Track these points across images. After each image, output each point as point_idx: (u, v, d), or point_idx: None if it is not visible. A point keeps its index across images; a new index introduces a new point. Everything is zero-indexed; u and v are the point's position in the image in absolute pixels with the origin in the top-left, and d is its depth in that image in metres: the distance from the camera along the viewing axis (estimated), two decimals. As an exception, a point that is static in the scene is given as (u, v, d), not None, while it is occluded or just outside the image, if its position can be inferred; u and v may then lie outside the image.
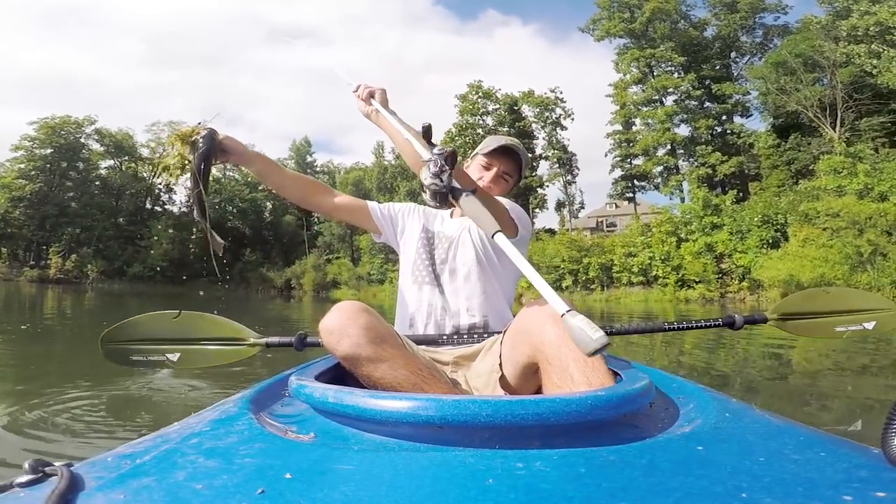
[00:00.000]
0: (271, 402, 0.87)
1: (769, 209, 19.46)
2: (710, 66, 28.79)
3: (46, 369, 3.38)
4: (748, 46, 28.90)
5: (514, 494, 0.46)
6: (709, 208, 21.43)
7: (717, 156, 25.42)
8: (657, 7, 28.08)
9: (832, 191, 17.25)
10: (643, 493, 0.47)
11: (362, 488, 0.49)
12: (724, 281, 19.67)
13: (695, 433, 0.64)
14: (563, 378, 0.79)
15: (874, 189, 16.30)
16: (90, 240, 38.62)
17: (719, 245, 20.15)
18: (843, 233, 15.13)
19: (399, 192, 36.54)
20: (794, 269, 15.26)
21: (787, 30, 26.67)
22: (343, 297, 20.87)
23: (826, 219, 16.03)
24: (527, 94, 34.08)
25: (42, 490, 0.50)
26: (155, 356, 1.45)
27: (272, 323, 8.78)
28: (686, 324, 1.54)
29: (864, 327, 1.65)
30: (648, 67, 29.44)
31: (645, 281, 22.45)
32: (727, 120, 27.60)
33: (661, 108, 28.09)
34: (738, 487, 0.47)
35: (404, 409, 0.61)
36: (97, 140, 40.39)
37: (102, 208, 39.53)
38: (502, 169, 1.30)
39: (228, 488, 0.49)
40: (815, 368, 3.07)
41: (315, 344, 1.37)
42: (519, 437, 0.59)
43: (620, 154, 30.35)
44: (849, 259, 14.54)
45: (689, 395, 0.86)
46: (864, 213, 15.02)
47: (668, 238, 22.05)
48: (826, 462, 0.55)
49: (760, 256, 18.09)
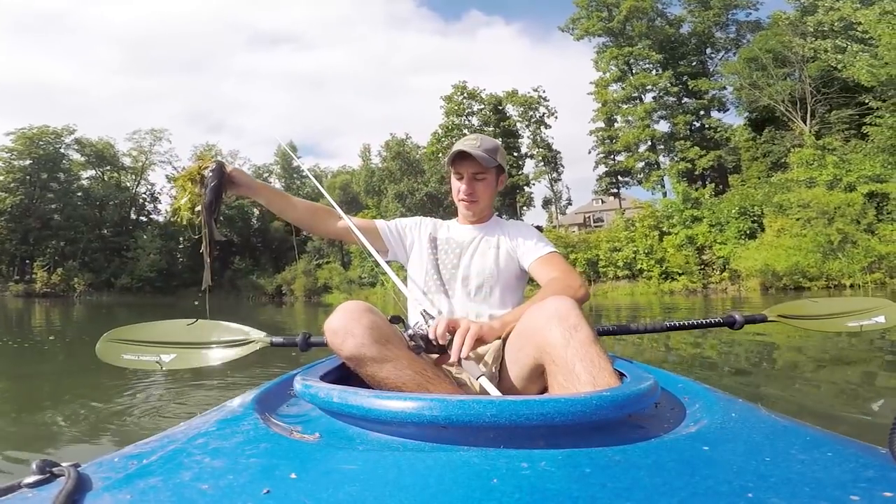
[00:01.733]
0: (277, 403, 0.88)
1: (746, 201, 20.15)
2: (687, 63, 29.47)
3: (51, 373, 3.40)
4: (722, 42, 29.59)
5: (518, 494, 0.46)
6: (689, 202, 22.03)
7: (696, 150, 26.12)
8: (634, 5, 28.64)
9: (803, 182, 17.95)
10: (649, 493, 0.47)
11: (367, 488, 0.49)
12: (706, 272, 20.27)
13: (701, 433, 0.64)
14: (569, 378, 0.79)
15: (843, 180, 17.04)
16: (75, 252, 37.89)
17: (700, 237, 20.75)
18: (813, 222, 15.83)
19: (387, 195, 36.58)
20: (770, 259, 15.88)
21: (759, 25, 27.37)
22: (336, 302, 20.77)
23: (798, 210, 16.72)
24: (511, 93, 34.45)
25: (50, 490, 0.51)
26: (148, 356, 1.46)
27: (264, 328, 8.92)
28: (686, 323, 1.54)
29: (875, 321, 1.66)
30: (627, 65, 29.99)
31: (630, 274, 23.00)
32: (705, 115, 28.30)
33: (640, 106, 28.69)
34: (745, 487, 0.47)
35: (409, 409, 0.61)
36: (77, 150, 39.48)
37: (86, 220, 38.72)
38: (471, 172, 1.30)
39: (234, 488, 0.49)
40: (821, 369, 3.08)
41: (319, 344, 1.40)
42: (524, 436, 0.59)
43: (603, 151, 30.91)
44: (821, 247, 15.21)
45: (694, 395, 0.86)
46: (833, 203, 15.76)
47: (650, 232, 22.63)
48: (833, 462, 0.55)
49: (738, 247, 18.71)
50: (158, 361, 1.44)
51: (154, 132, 41.76)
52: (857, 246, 14.97)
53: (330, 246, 40.94)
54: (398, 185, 35.59)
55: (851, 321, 1.64)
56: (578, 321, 0.83)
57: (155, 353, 1.46)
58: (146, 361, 1.47)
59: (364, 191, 39.64)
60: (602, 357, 0.79)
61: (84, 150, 39.64)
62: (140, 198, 42.56)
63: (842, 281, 14.89)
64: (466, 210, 1.36)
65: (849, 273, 14.52)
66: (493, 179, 1.34)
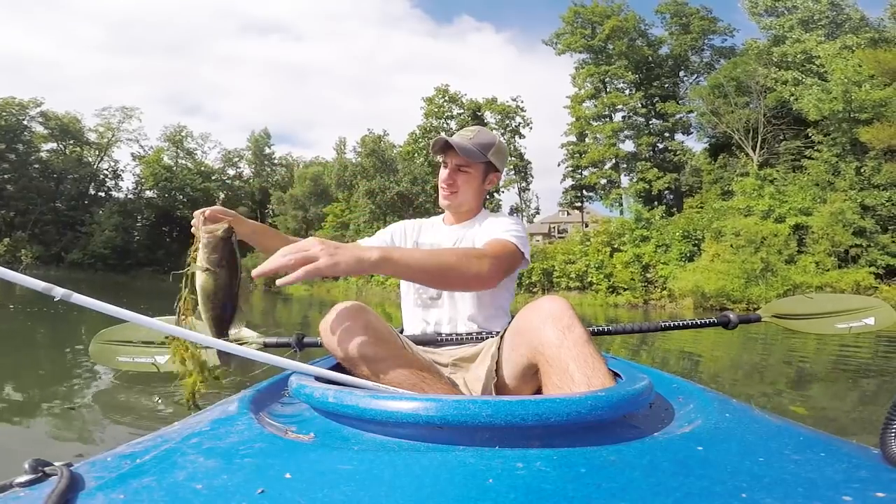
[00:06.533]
0: (271, 402, 0.87)
1: (689, 225, 20.60)
2: (660, 84, 29.99)
3: (39, 367, 3.28)
4: (696, 66, 30.26)
5: (514, 494, 0.46)
6: (640, 221, 22.45)
7: (654, 172, 26.58)
8: (617, 25, 29.08)
9: (742, 210, 18.40)
10: (643, 493, 0.47)
11: (362, 488, 0.48)
12: (649, 289, 20.65)
13: (695, 433, 0.64)
14: (563, 379, 0.78)
15: (776, 211, 17.52)
16: (25, 224, 36.80)
17: (646, 256, 21.15)
18: (741, 250, 16.25)
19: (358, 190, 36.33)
20: (701, 281, 16.25)
21: (734, 51, 28.01)
22: (296, 293, 20.61)
23: (731, 237, 17.16)
24: (490, 101, 34.67)
25: (42, 490, 0.50)
26: (143, 357, 1.41)
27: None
28: (681, 323, 1.53)
29: (864, 323, 1.67)
30: (602, 83, 30.41)
31: (581, 286, 23.29)
32: (669, 137, 28.84)
33: (608, 124, 29.12)
34: (738, 487, 0.47)
35: (404, 409, 0.61)
36: (41, 123, 38.53)
37: (41, 192, 37.73)
38: (454, 163, 1.27)
39: (228, 488, 0.49)
40: (814, 369, 3.05)
41: (313, 344, 1.38)
42: (519, 437, 0.59)
43: (572, 164, 31.25)
44: (745, 274, 15.63)
45: (688, 395, 0.85)
46: (762, 233, 16.23)
47: (603, 248, 22.98)
48: (826, 462, 0.55)
49: (678, 268, 19.11)
50: (154, 363, 1.42)
51: (125, 109, 41.02)
52: (775, 275, 15.43)
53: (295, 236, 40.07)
54: (370, 182, 35.36)
55: (841, 322, 1.66)
56: (572, 321, 0.83)
57: (149, 355, 1.43)
58: (141, 363, 1.45)
59: (335, 184, 39.29)
60: (596, 357, 0.79)
61: (49, 123, 38.74)
62: (101, 174, 41.66)
63: (759, 305, 15.08)
64: (444, 200, 1.32)
65: (766, 299, 14.92)
66: (478, 175, 1.30)
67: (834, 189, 17.44)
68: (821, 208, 16.63)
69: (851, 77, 17.32)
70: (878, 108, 16.58)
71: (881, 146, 16.00)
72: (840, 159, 18.08)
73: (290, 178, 44.91)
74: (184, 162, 43.98)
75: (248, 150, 46.42)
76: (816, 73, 19.58)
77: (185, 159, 44.26)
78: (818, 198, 17.28)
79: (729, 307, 15.51)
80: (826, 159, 18.06)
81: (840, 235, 15.73)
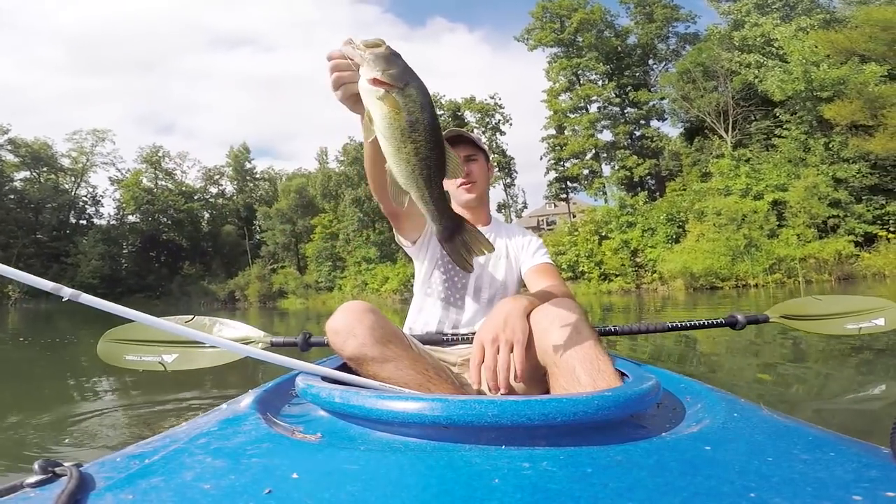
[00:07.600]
0: (278, 403, 0.88)
1: (673, 208, 21.37)
2: (631, 73, 30.85)
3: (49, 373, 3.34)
4: (663, 54, 31.22)
5: (520, 494, 0.46)
6: (625, 208, 23.19)
7: (634, 159, 27.43)
8: (584, 18, 29.85)
9: (721, 191, 19.25)
10: (650, 493, 0.46)
11: (369, 488, 0.48)
12: (639, 273, 21.35)
13: (702, 433, 0.64)
14: (570, 381, 0.78)
15: (753, 189, 18.43)
16: (9, 259, 35.77)
17: (633, 241, 21.84)
18: (724, 228, 17.08)
19: (344, 199, 36.39)
20: (688, 262, 17.01)
21: (697, 37, 28.96)
22: (291, 307, 20.76)
23: (713, 217, 17.97)
24: (469, 100, 35.14)
25: (52, 490, 0.50)
26: (150, 356, 1.42)
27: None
28: (688, 324, 1.53)
29: (875, 324, 1.64)
30: (576, 76, 31.13)
31: (573, 276, 23.93)
32: (644, 125, 29.76)
33: (585, 116, 29.90)
34: (747, 487, 0.47)
35: (411, 409, 0.61)
36: (11, 151, 37.23)
37: (20, 224, 36.56)
38: (463, 155, 1.30)
39: (236, 488, 0.49)
40: (823, 368, 3.06)
41: (320, 343, 1.36)
42: (525, 436, 0.59)
43: (554, 157, 31.92)
44: (730, 251, 16.45)
45: (696, 395, 0.85)
46: (742, 211, 17.11)
47: (591, 237, 23.64)
48: (835, 462, 0.54)
49: (665, 251, 19.86)
50: (161, 362, 1.42)
51: (96, 132, 39.99)
52: (759, 250, 16.28)
53: (285, 250, 40.29)
54: (356, 191, 35.46)
55: (851, 323, 1.63)
56: (580, 323, 0.84)
57: (157, 354, 1.44)
58: (149, 362, 1.44)
59: (321, 194, 39.27)
60: (602, 359, 0.79)
61: (18, 150, 37.45)
62: (80, 201, 40.55)
63: (748, 281, 16.11)
64: (467, 194, 1.32)
65: (753, 274, 15.77)
66: (484, 163, 1.35)
67: (806, 165, 18.41)
68: (795, 183, 17.52)
69: (809, 57, 18.29)
70: (837, 85, 17.59)
71: (845, 122, 16.95)
72: (809, 136, 19.06)
73: (273, 192, 44.56)
74: (164, 183, 43.12)
75: (228, 166, 45.80)
76: (777, 56, 20.58)
77: (164, 180, 43.42)
78: (792, 174, 18.22)
79: (718, 286, 16.30)
80: (795, 137, 19.04)
81: (816, 208, 16.61)
